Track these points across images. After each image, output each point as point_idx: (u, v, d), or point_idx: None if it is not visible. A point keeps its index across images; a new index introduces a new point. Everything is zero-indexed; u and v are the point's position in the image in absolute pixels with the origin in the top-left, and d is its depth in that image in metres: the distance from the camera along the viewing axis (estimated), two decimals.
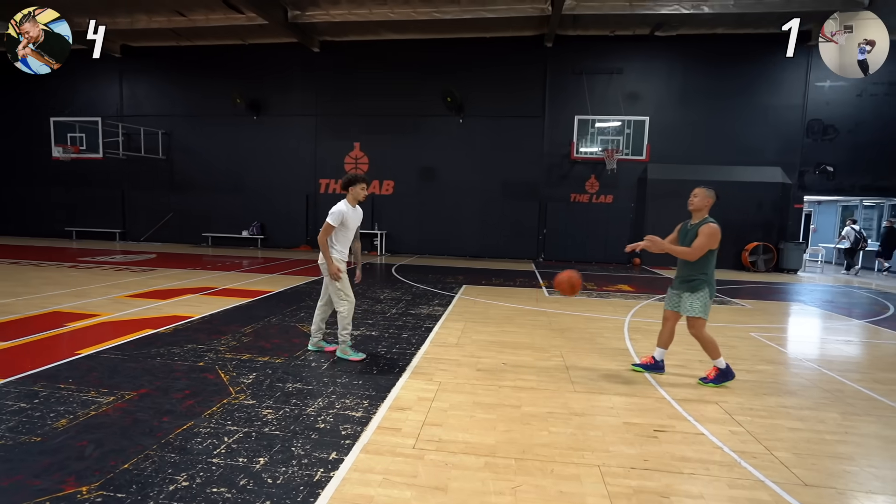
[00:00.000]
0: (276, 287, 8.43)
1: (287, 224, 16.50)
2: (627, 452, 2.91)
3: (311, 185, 16.41)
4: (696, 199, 4.02)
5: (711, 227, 3.92)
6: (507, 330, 5.96)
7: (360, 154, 16.13)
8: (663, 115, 14.52)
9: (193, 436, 2.91)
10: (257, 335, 5.28)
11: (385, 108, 15.81)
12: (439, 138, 15.67)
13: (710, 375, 4.13)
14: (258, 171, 16.54)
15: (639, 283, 10.92)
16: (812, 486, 2.59)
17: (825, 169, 14.19)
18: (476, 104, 15.38)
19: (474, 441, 3.01)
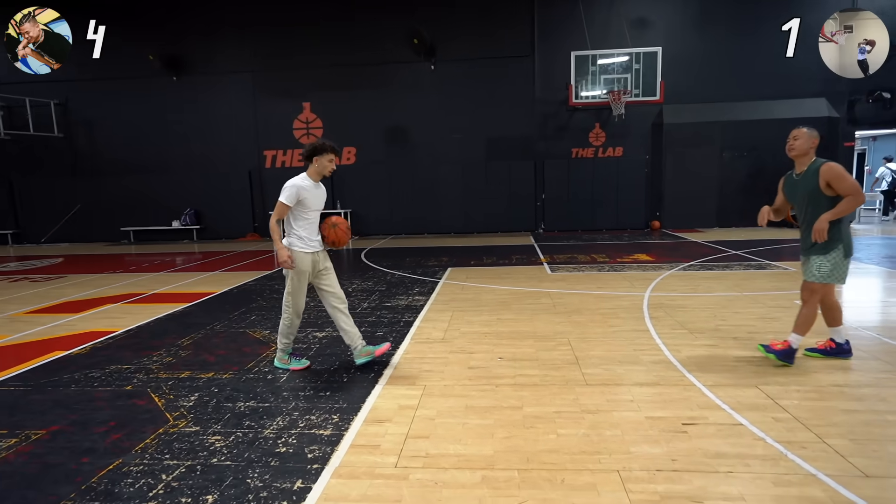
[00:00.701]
0: (220, 287, 8.33)
1: (228, 209, 16.27)
2: (652, 452, 2.95)
3: (255, 159, 16.15)
4: (798, 142, 4.00)
5: (836, 167, 3.86)
6: (504, 317, 5.98)
7: (311, 116, 15.88)
8: (678, 45, 14.48)
9: (122, 477, 2.87)
10: (198, 347, 5.21)
11: (339, 58, 15.52)
12: (407, 91, 15.47)
13: (778, 346, 4.15)
14: (186, 147, 16.20)
15: (660, 250, 11.03)
16: (874, 477, 2.65)
17: (881, 96, 14.33)
18: (449, 46, 15.17)
19: (468, 453, 3.02)
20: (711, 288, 7.18)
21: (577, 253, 10.98)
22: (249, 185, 16.22)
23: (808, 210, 4.05)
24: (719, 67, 14.60)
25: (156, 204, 16.36)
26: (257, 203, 16.32)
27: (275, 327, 5.86)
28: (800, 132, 4.01)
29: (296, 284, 4.31)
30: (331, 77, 15.64)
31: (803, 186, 4.04)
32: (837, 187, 3.84)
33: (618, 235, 14.12)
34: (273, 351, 5.01)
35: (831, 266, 3.95)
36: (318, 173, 4.30)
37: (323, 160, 4.24)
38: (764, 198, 16.06)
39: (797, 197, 4.12)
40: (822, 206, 3.93)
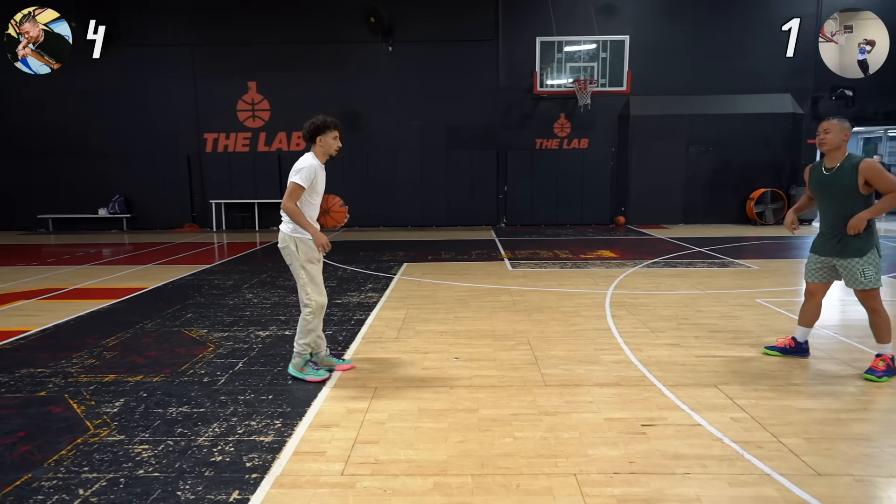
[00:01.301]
0: (152, 282, 8.08)
1: (163, 197, 15.75)
2: (610, 455, 3.04)
3: (194, 143, 15.69)
4: (830, 136, 3.98)
5: (875, 164, 3.87)
6: (461, 316, 6.02)
7: (257, 97, 15.55)
8: (646, 34, 14.85)
9: (31, 494, 2.75)
10: (126, 348, 5.05)
11: (288, 34, 15.22)
12: (363, 73, 15.32)
13: (881, 366, 4.04)
14: (115, 127, 15.57)
15: (624, 246, 11.31)
16: (825, 475, 2.80)
17: (843, 93, 15.06)
18: (409, 26, 15.09)
19: (420, 458, 3.03)
20: (675, 286, 7.42)
21: (539, 249, 11.14)
22: (188, 171, 15.74)
23: (839, 207, 4.01)
24: (686, 59, 15.05)
25: (79, 190, 15.66)
26: (197, 190, 15.87)
27: (214, 325, 5.73)
28: (830, 124, 3.98)
29: (313, 273, 4.14)
30: (279, 55, 15.31)
31: (837, 183, 3.97)
32: (878, 184, 3.84)
33: (582, 231, 14.40)
34: (211, 351, 4.90)
35: (874, 269, 3.98)
36: (325, 153, 4.14)
37: (327, 138, 4.10)
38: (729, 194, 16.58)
39: (826, 193, 4.07)
40: (857, 204, 3.92)
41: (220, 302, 6.81)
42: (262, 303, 6.75)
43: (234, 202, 15.68)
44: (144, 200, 15.80)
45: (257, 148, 15.74)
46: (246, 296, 7.13)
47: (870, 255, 3.98)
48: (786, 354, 4.52)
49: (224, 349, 4.97)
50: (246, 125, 15.66)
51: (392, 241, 12.86)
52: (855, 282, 4.02)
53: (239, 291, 7.40)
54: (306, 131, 4.10)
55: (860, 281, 3.99)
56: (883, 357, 4.07)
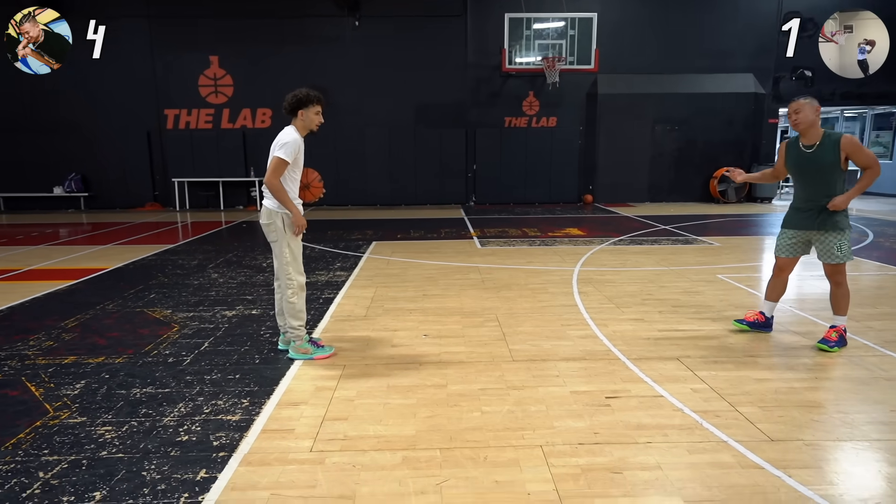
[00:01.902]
0: (113, 262, 7.87)
1: (122, 175, 15.28)
2: (575, 426, 3.11)
3: (154, 119, 15.21)
4: (802, 115, 4.03)
5: (855, 140, 3.94)
6: (430, 293, 6.04)
7: (220, 72, 15.13)
8: (614, 12, 14.88)
9: None
10: (86, 329, 4.93)
11: (252, 7, 14.78)
12: (329, 48, 15.01)
13: (834, 336, 4.19)
14: (70, 102, 14.97)
15: (591, 224, 11.46)
16: (778, 441, 2.93)
17: (803, 74, 15.41)
18: (375, 0, 14.79)
19: (389, 434, 3.06)
20: (640, 262, 7.56)
21: (508, 227, 11.21)
22: (148, 148, 15.26)
23: (820, 183, 4.07)
24: (653, 38, 15.14)
25: (33, 167, 15.05)
26: (157, 168, 15.42)
27: (178, 305, 5.64)
28: (800, 104, 4.04)
29: (296, 252, 4.11)
30: (243, 29, 14.87)
31: (817, 159, 4.03)
32: (857, 159, 3.95)
33: (550, 209, 14.53)
34: (175, 332, 4.82)
35: (848, 243, 4.11)
36: (306, 128, 4.07)
37: (309, 113, 4.02)
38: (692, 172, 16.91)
39: (807, 169, 4.12)
40: (837, 179, 4.01)
41: (184, 282, 6.68)
42: (227, 282, 6.65)
43: (198, 181, 15.30)
44: (103, 179, 15.29)
45: (221, 125, 15.35)
46: (211, 275, 7.02)
47: (847, 231, 4.12)
48: (754, 329, 4.64)
49: (189, 329, 4.90)
50: (208, 101, 15.23)
51: (361, 219, 12.77)
52: (830, 255, 4.13)
53: (204, 271, 7.28)
54: (288, 104, 4.04)
55: (835, 255, 4.11)
56: (837, 328, 4.24)
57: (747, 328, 4.65)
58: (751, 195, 15.51)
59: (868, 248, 8.43)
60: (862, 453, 2.84)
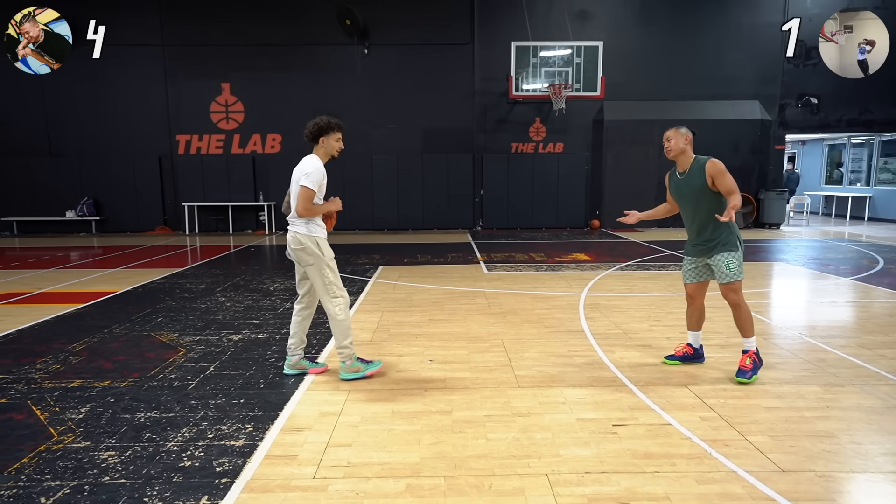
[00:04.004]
0: (122, 286, 7.92)
1: (133, 199, 15.47)
2: (581, 455, 3.07)
3: (166, 144, 15.45)
4: (672, 143, 4.12)
5: (719, 163, 4.01)
6: (436, 318, 6.03)
7: (231, 99, 15.38)
8: (619, 40, 15.05)
9: None
10: (93, 352, 4.94)
11: (262, 35, 15.09)
12: (338, 75, 15.26)
13: (748, 364, 4.11)
14: (84, 127, 15.26)
15: (598, 249, 11.44)
16: (789, 472, 2.87)
17: (809, 101, 15.47)
18: (384, 29, 15.09)
19: (393, 461, 3.02)
20: (647, 288, 7.52)
21: (514, 252, 11.20)
22: (160, 173, 15.47)
23: (697, 208, 4.14)
24: (658, 66, 15.29)
25: (47, 191, 15.27)
26: (168, 192, 15.60)
27: (185, 329, 5.64)
28: (671, 132, 4.14)
29: (333, 271, 4.15)
30: (254, 57, 15.16)
31: (689, 184, 4.13)
32: (719, 184, 4.00)
33: (557, 234, 14.52)
34: (182, 355, 4.82)
35: (737, 262, 4.11)
36: (327, 154, 4.16)
37: (330, 140, 4.11)
38: None
39: (684, 196, 4.21)
40: (710, 203, 4.07)
41: (191, 306, 6.71)
42: (235, 306, 6.67)
43: (208, 205, 15.46)
44: (115, 203, 15.48)
45: (231, 150, 15.55)
46: (219, 299, 7.04)
47: (736, 252, 4.11)
48: (685, 362, 4.52)
49: (195, 353, 4.90)
50: (219, 127, 15.46)
51: (368, 244, 12.81)
52: (721, 275, 4.11)
53: (211, 295, 7.30)
54: (310, 131, 4.11)
55: (726, 273, 4.08)
56: (749, 353, 4.17)
57: (678, 363, 4.53)
58: (759, 221, 15.45)
59: (879, 275, 8.35)
60: (877, 486, 2.78)
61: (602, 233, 14.73)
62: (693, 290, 4.42)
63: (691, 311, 4.49)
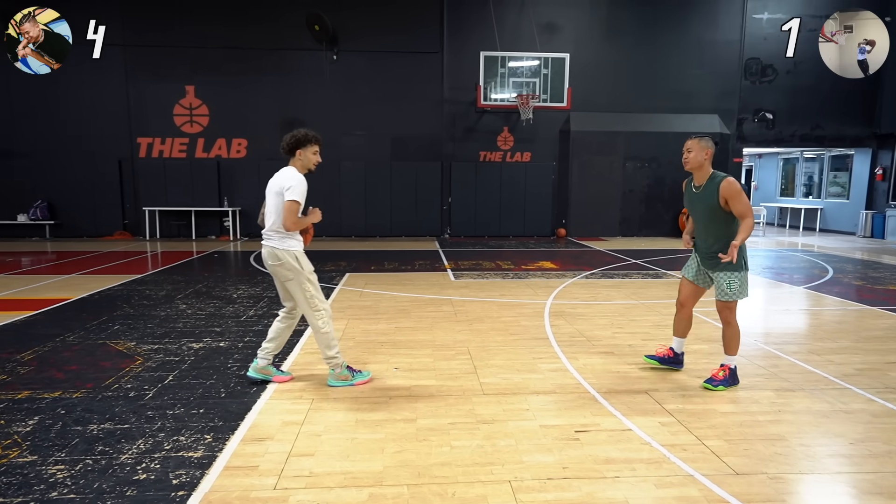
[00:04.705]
0: (76, 292, 7.67)
1: (91, 203, 15.02)
2: (544, 461, 3.10)
3: (126, 147, 15.07)
4: (692, 154, 4.11)
5: (734, 184, 4.00)
6: (402, 326, 6.01)
7: (195, 102, 15.11)
8: (586, 53, 15.35)
9: None
10: (43, 362, 4.77)
11: (229, 38, 14.89)
12: (306, 81, 15.15)
13: (720, 375, 4.20)
14: (37, 128, 14.76)
15: (564, 258, 11.59)
16: (743, 475, 2.95)
17: (764, 116, 16.03)
18: (354, 35, 15.06)
19: (356, 470, 3.00)
20: (611, 296, 7.65)
21: (482, 259, 11.26)
22: (119, 176, 15.07)
23: (708, 224, 4.15)
24: (623, 79, 15.64)
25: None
26: (129, 196, 15.21)
27: (143, 337, 5.50)
28: (692, 143, 4.14)
29: (314, 284, 4.11)
30: (219, 59, 14.94)
31: (703, 200, 4.11)
32: (733, 206, 3.99)
33: (524, 242, 14.66)
34: (139, 364, 4.70)
35: (739, 283, 4.13)
36: (304, 167, 4.12)
37: (307, 153, 4.08)
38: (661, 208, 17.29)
39: (697, 209, 4.21)
40: (721, 221, 4.09)
41: (150, 313, 6.54)
42: (196, 314, 6.53)
43: (170, 209, 15.12)
44: (70, 206, 15.00)
45: (195, 154, 15.26)
46: (179, 307, 6.88)
47: (739, 271, 4.13)
48: (664, 364, 4.60)
49: (153, 362, 4.78)
50: (183, 130, 15.16)
51: (334, 251, 12.71)
52: (721, 293, 4.18)
53: (172, 302, 7.14)
54: (286, 144, 4.08)
55: (725, 292, 4.14)
56: (724, 367, 4.26)
57: (657, 364, 4.63)
58: None
59: (828, 284, 8.67)
60: (824, 486, 2.88)
61: (568, 241, 14.93)
62: (686, 295, 4.47)
63: (680, 317, 4.54)
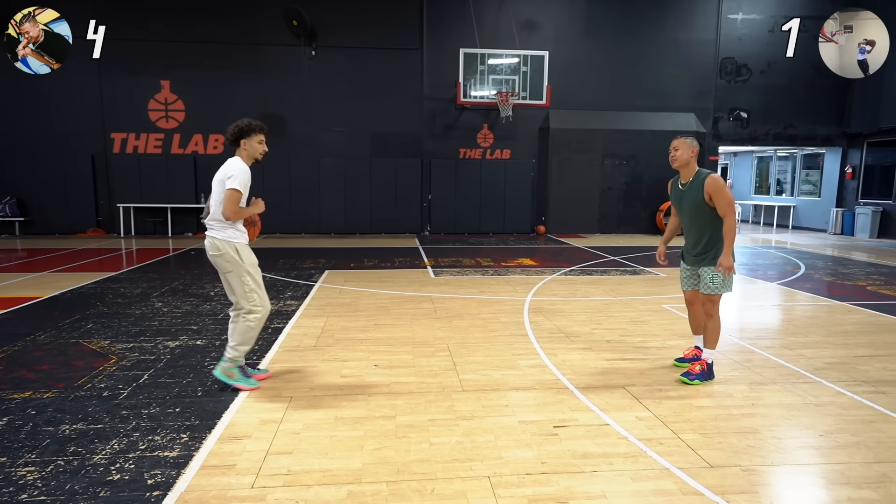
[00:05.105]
0: (48, 290, 7.51)
1: (63, 199, 14.71)
2: (523, 457, 3.12)
3: (100, 142, 14.77)
4: (679, 152, 4.17)
5: (718, 180, 4.07)
6: (382, 323, 6.00)
7: (171, 97, 14.87)
8: (564, 50, 15.43)
9: None
10: (12, 362, 4.66)
11: (205, 33, 14.67)
12: (284, 77, 15.01)
13: (696, 370, 4.26)
14: (8, 122, 14.39)
15: (543, 255, 11.65)
16: (717, 467, 3.01)
17: (739, 115, 16.30)
18: (332, 31, 14.95)
19: (335, 467, 2.99)
20: (589, 293, 7.72)
21: (462, 257, 11.27)
22: (92, 172, 14.77)
23: (694, 220, 4.22)
24: (601, 77, 15.76)
25: None
26: (102, 193, 14.91)
27: (117, 336, 5.41)
28: (679, 142, 4.22)
29: (255, 278, 4.04)
30: (196, 54, 14.71)
31: (689, 197, 4.19)
32: (716, 202, 4.07)
33: (504, 239, 14.71)
34: (113, 363, 4.62)
35: (722, 276, 4.18)
36: (250, 157, 4.08)
37: (252, 142, 4.03)
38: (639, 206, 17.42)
39: (683, 206, 4.28)
40: (706, 218, 4.15)
41: (125, 311, 6.43)
42: (172, 311, 6.44)
43: (145, 206, 14.87)
44: (41, 203, 14.66)
45: (171, 150, 15.02)
46: (155, 304, 6.78)
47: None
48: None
49: (128, 361, 4.70)
50: (158, 126, 14.92)
51: (314, 248, 12.62)
52: (705, 286, 4.25)
53: (147, 300, 7.02)
54: (230, 134, 4.03)
55: (709, 286, 4.21)
56: (702, 362, 4.33)
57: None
58: None
59: (800, 280, 8.85)
60: (795, 477, 2.94)
61: (548, 238, 15.02)
62: (690, 296, 4.52)
63: (692, 316, 4.59)
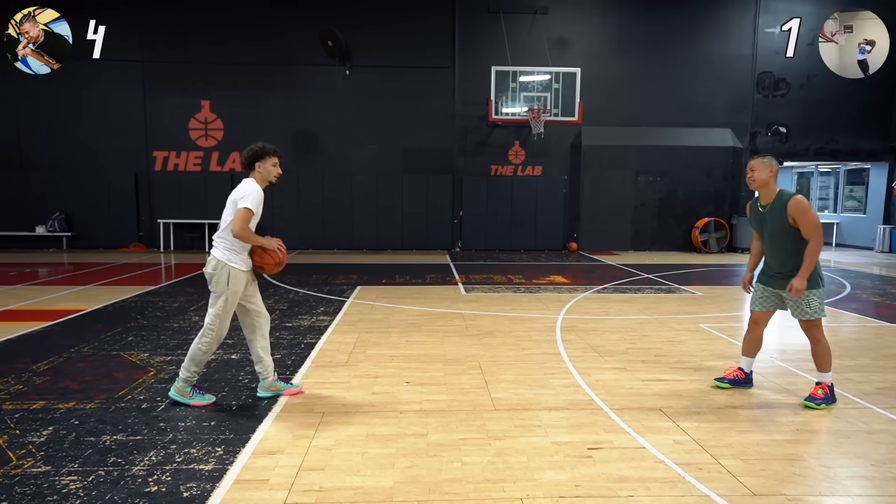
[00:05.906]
0: (91, 303, 7.74)
1: (107, 215, 15.21)
2: (556, 479, 3.05)
3: (143, 160, 15.27)
4: (756, 173, 4.08)
5: (802, 201, 3.96)
6: (413, 340, 5.99)
7: (210, 116, 15.30)
8: (596, 67, 15.38)
9: None
10: (58, 373, 4.80)
11: (243, 54, 15.10)
12: (319, 96, 15.31)
13: (820, 394, 4.13)
14: (57, 141, 15.02)
15: (576, 272, 11.53)
16: (760, 496, 2.89)
17: (777, 130, 15.95)
18: (366, 51, 15.22)
19: (367, 485, 2.97)
20: (623, 311, 7.58)
21: (493, 273, 11.23)
22: (135, 189, 15.26)
23: (777, 242, 4.11)
24: (634, 93, 15.64)
25: (15, 206, 14.92)
26: (143, 209, 15.38)
27: (156, 349, 5.53)
28: (756, 163, 4.11)
29: (228, 306, 4.06)
30: (235, 75, 15.16)
31: (772, 219, 4.07)
32: (801, 225, 3.91)
33: (535, 256, 14.62)
34: (152, 376, 4.72)
35: (818, 300, 4.08)
36: (264, 180, 4.13)
37: (266, 165, 4.09)
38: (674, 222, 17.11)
39: (765, 229, 4.16)
40: (791, 240, 4.01)
41: (163, 325, 6.58)
42: None
43: (184, 222, 15.27)
44: (87, 218, 15.19)
45: (209, 167, 15.43)
46: (192, 318, 6.91)
47: (816, 288, 4.06)
48: (735, 386, 4.52)
49: (166, 374, 4.79)
50: (198, 144, 15.35)
51: (346, 263, 12.74)
52: (801, 312, 4.11)
53: (185, 314, 7.17)
54: (245, 157, 4.10)
55: (805, 311, 4.08)
56: (822, 385, 4.18)
57: (728, 386, 4.53)
58: (731, 245, 15.75)
59: (846, 301, 8.54)
60: None
61: (580, 255, 14.87)
62: (759, 316, 4.42)
63: (751, 337, 4.48)
